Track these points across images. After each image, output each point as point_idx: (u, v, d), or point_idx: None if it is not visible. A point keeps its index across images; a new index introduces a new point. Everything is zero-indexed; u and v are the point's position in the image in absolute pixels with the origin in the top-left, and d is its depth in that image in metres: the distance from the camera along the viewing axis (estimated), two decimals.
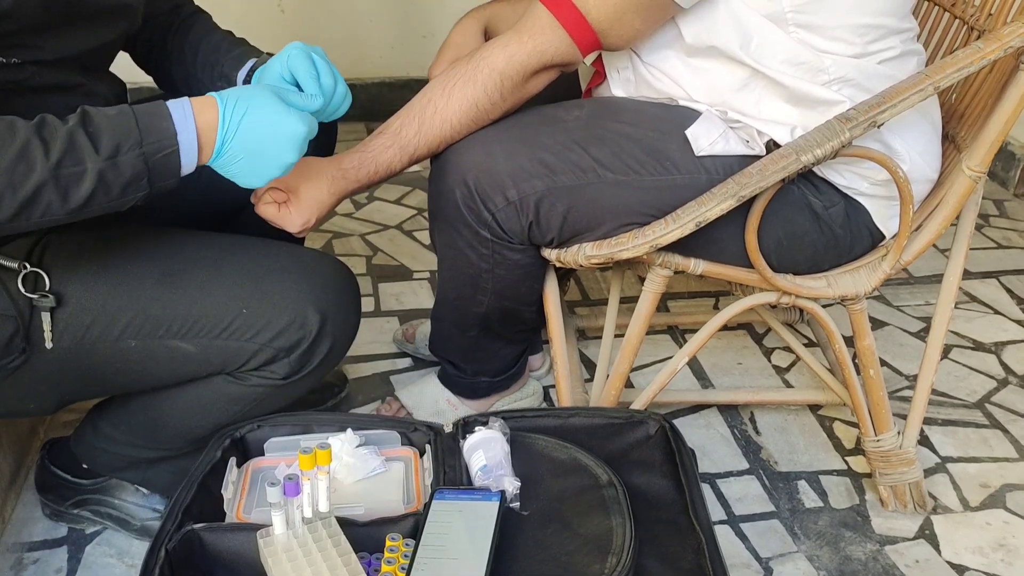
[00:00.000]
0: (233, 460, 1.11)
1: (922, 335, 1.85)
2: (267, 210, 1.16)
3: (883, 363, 1.75)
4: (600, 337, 1.80)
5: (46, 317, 1.03)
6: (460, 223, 1.19)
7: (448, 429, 1.16)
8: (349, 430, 1.15)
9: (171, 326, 1.05)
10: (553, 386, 1.68)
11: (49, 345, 1.04)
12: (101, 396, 1.21)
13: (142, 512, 1.30)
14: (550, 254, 1.23)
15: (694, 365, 1.75)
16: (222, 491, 1.06)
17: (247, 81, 1.20)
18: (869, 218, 1.23)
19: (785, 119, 1.16)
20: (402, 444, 1.18)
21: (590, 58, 1.22)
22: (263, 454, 1.16)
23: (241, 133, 0.94)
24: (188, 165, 0.93)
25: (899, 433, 1.36)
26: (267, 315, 1.06)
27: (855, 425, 1.58)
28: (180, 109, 0.92)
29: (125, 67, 1.23)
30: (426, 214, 2.28)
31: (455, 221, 1.20)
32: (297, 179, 1.16)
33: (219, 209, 1.33)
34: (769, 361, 1.77)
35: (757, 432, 1.57)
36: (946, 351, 1.80)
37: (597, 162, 1.15)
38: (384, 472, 1.14)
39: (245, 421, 1.15)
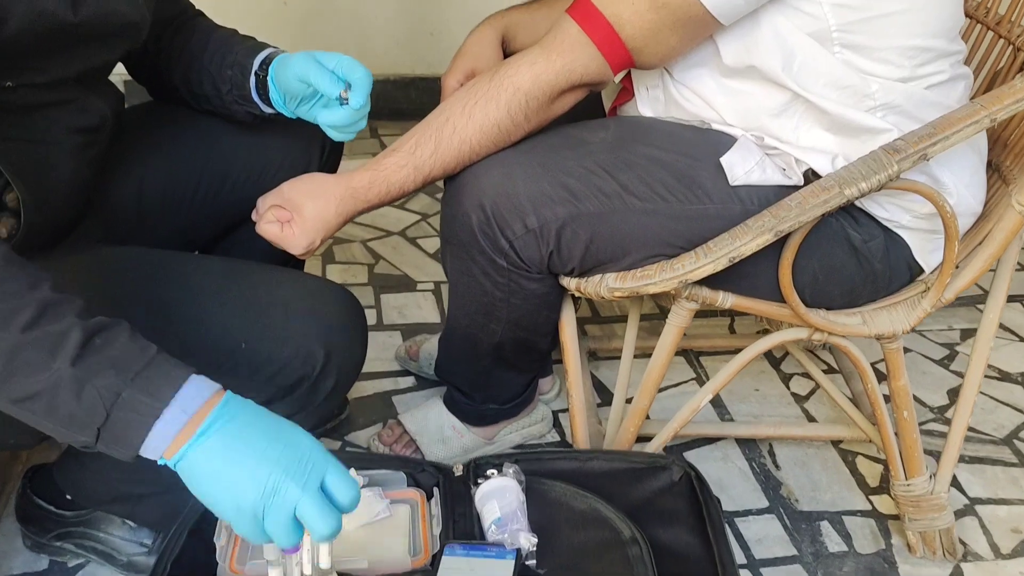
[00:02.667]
0: None
1: (945, 362, 1.78)
2: (269, 229, 1.08)
3: None
4: (613, 357, 1.73)
5: None
6: (475, 250, 1.12)
7: (458, 472, 1.08)
8: (352, 470, 1.07)
9: None
10: (564, 410, 1.61)
11: None
12: None
13: (129, 547, 1.22)
14: (569, 283, 1.15)
15: None
16: (215, 539, 0.98)
17: (263, 67, 1.11)
18: (909, 252, 1.16)
19: (825, 147, 1.08)
20: (408, 485, 1.10)
21: (619, 75, 1.14)
22: None
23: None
24: (152, 447, 0.75)
25: (931, 477, 1.29)
26: (268, 350, 0.99)
27: (879, 461, 1.51)
28: (180, 411, 0.75)
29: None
30: (430, 220, 2.22)
31: (470, 247, 1.12)
32: (302, 197, 1.08)
33: (216, 224, 1.25)
34: (788, 388, 1.69)
35: (777, 466, 1.50)
36: None
37: (623, 188, 1.07)
38: (388, 517, 1.06)
39: None
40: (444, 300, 1.91)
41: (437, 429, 1.46)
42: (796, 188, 1.08)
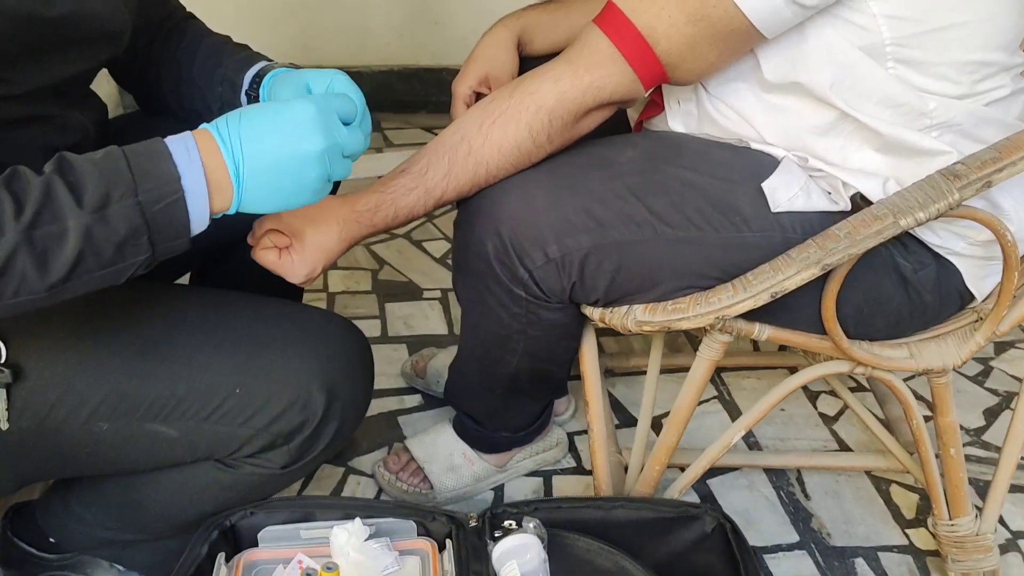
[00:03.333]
0: (222, 556, 0.95)
1: (980, 379, 1.69)
2: (265, 257, 0.98)
3: None
4: (630, 374, 1.64)
5: (1, 394, 0.86)
6: (491, 279, 1.02)
7: (472, 522, 1.00)
8: (357, 519, 0.99)
9: (151, 407, 0.89)
10: (579, 432, 1.53)
11: (4, 426, 0.87)
12: (70, 476, 1.05)
13: None
14: (593, 313, 1.06)
15: (733, 412, 1.58)
16: None
17: (254, 87, 1.02)
18: (960, 279, 1.06)
19: (876, 169, 0.99)
20: (418, 535, 1.02)
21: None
22: (256, 544, 1.00)
23: (247, 145, 0.76)
24: (199, 218, 0.75)
25: (976, 516, 1.20)
26: (264, 395, 0.90)
27: (915, 490, 1.43)
28: (182, 146, 0.74)
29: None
30: (436, 221, 2.13)
31: (485, 277, 1.03)
32: (302, 221, 0.98)
33: (210, 245, 1.15)
34: (815, 407, 1.61)
35: (807, 496, 1.42)
36: (1007, 399, 1.64)
37: (654, 215, 0.98)
38: (397, 571, 0.98)
39: (236, 508, 0.99)
40: (452, 310, 1.83)
41: (447, 456, 1.37)
42: (843, 214, 0.98)
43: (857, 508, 1.40)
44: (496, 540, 0.95)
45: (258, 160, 0.75)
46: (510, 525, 0.97)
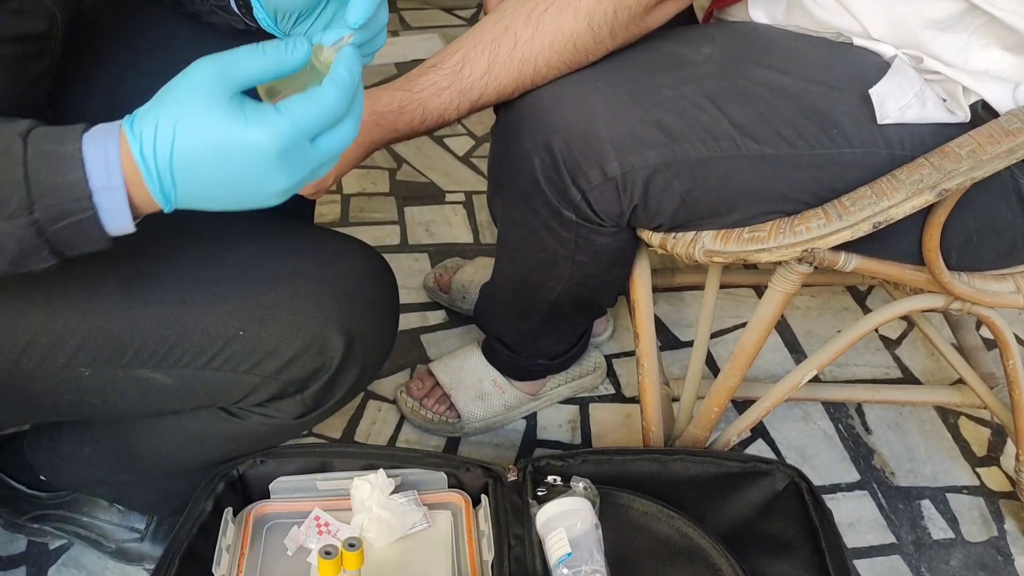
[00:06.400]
0: (229, 512, 0.84)
1: None
2: None
3: None
4: (672, 289, 1.51)
5: None
6: (537, 199, 0.87)
7: (511, 476, 0.88)
8: (381, 471, 0.87)
9: (139, 352, 0.75)
10: (618, 355, 1.40)
11: None
12: (53, 421, 0.93)
13: (118, 532, 1.04)
14: (652, 239, 0.91)
15: (784, 332, 1.45)
16: (213, 569, 0.79)
17: None
18: None
19: (1004, 72, 0.83)
20: (449, 486, 0.90)
21: None
22: (268, 495, 0.89)
23: (180, 177, 0.56)
24: (118, 228, 0.58)
25: None
26: (273, 338, 0.76)
27: (985, 424, 1.31)
28: (101, 149, 0.56)
29: None
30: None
31: (530, 196, 0.88)
32: None
33: None
34: (876, 330, 1.47)
35: (867, 430, 1.29)
36: None
37: (737, 127, 0.81)
38: (427, 528, 0.87)
39: (244, 456, 0.87)
40: (477, 214, 1.67)
41: (475, 383, 1.25)
42: (960, 127, 0.82)
43: (922, 443, 1.28)
44: (539, 500, 0.84)
45: (197, 190, 0.57)
46: (555, 482, 0.86)
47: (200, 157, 0.54)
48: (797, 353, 1.42)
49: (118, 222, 0.57)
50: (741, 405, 1.26)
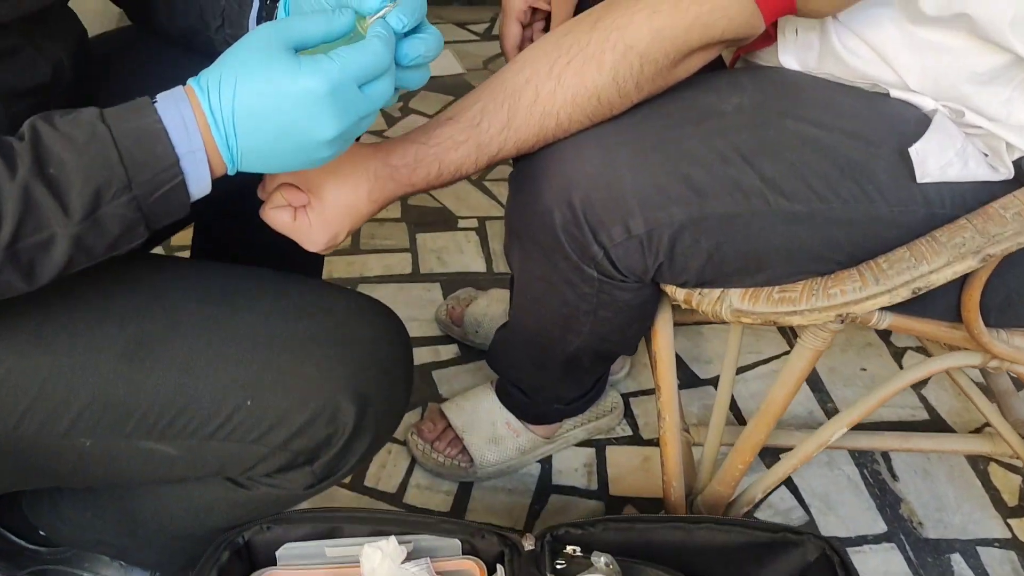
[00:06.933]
0: None
1: None
2: (277, 218, 0.78)
3: None
4: (688, 324, 1.47)
5: None
6: (557, 254, 0.84)
7: (528, 544, 0.84)
8: (392, 538, 0.83)
9: (142, 422, 0.72)
10: (635, 393, 1.36)
11: None
12: (54, 487, 0.90)
13: None
14: (677, 294, 0.88)
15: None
16: None
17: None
18: None
19: None
20: (463, 552, 0.87)
21: None
22: (274, 562, 0.85)
23: (241, 129, 0.61)
24: (199, 191, 0.64)
25: None
26: (282, 406, 0.73)
27: (1016, 471, 1.26)
28: (178, 119, 0.60)
29: None
30: None
31: (550, 251, 0.84)
32: (323, 175, 0.78)
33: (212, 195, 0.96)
34: (900, 365, 1.43)
35: (894, 476, 1.25)
36: None
37: (768, 183, 0.78)
38: None
39: (250, 523, 0.83)
40: (489, 242, 1.64)
41: (488, 426, 1.21)
42: (1004, 184, 0.78)
43: (951, 491, 1.24)
44: (559, 574, 0.80)
45: (256, 144, 0.61)
46: (575, 552, 0.82)
47: (257, 102, 0.59)
48: (820, 392, 1.38)
49: (199, 185, 0.62)
50: (763, 450, 1.22)
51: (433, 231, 1.66)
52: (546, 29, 1.06)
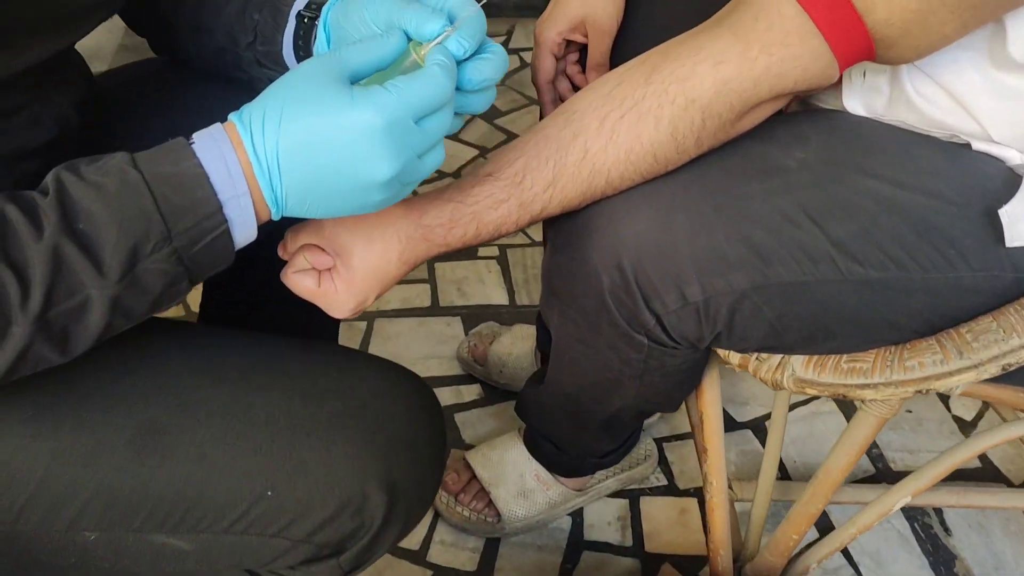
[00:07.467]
0: None
1: None
2: (300, 282, 0.71)
3: None
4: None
5: None
6: (603, 319, 0.76)
7: None
8: None
9: (151, 516, 0.65)
10: (668, 438, 1.29)
11: None
12: None
13: None
14: (732, 359, 0.81)
15: (851, 413, 1.34)
16: None
17: (312, 8, 0.73)
18: None
19: None
20: None
21: None
22: None
23: (286, 167, 0.55)
24: (244, 238, 0.58)
25: None
26: (305, 497, 0.66)
27: None
28: (218, 154, 0.54)
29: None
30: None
31: (595, 315, 0.77)
32: (351, 235, 0.70)
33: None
34: (948, 410, 1.36)
35: (947, 530, 1.18)
36: None
37: (837, 246, 0.70)
38: None
39: None
40: (512, 272, 1.57)
41: (516, 478, 1.15)
42: None
43: (1008, 547, 1.17)
44: None
45: (301, 183, 0.56)
46: None
47: (304, 138, 0.53)
48: None
49: (245, 232, 0.57)
50: None
51: (453, 260, 1.59)
52: (580, 62, 0.99)
